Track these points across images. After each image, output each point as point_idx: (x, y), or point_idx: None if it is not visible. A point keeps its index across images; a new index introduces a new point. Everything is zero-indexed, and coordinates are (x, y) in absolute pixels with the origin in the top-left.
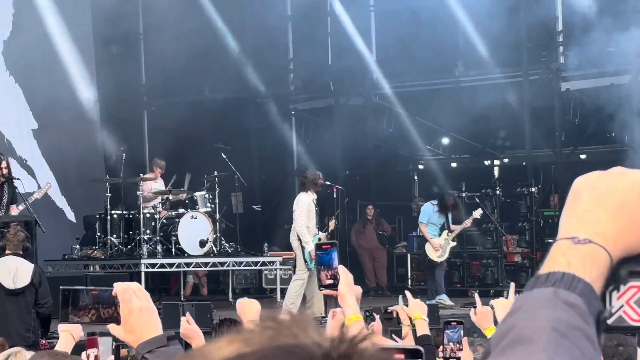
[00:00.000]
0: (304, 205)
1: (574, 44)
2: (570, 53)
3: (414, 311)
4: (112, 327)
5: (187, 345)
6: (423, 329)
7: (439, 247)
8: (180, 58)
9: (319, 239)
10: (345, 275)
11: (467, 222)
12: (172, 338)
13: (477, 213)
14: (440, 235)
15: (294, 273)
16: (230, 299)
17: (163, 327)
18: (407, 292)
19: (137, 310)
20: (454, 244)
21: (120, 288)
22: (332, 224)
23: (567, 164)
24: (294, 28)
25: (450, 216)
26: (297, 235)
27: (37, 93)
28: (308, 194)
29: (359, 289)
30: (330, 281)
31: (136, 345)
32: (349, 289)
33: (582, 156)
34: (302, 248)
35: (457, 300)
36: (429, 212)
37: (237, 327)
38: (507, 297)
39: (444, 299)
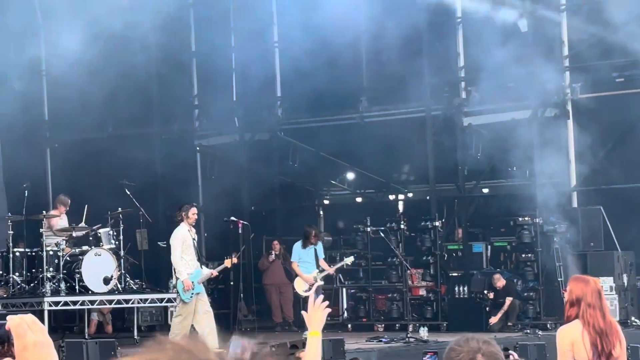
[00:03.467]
0: (178, 236)
1: (475, 80)
2: (472, 89)
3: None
4: None
5: None
6: None
7: (312, 281)
8: (84, 94)
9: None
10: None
11: (332, 269)
12: None
13: (349, 260)
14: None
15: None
16: (135, 337)
17: None
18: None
19: (32, 344)
20: (322, 283)
21: (14, 323)
22: (228, 262)
23: (470, 198)
24: (198, 64)
25: (320, 251)
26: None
27: None
28: (183, 225)
29: None
30: None
31: None
32: None
33: (485, 190)
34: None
35: (363, 335)
36: (297, 250)
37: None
38: None
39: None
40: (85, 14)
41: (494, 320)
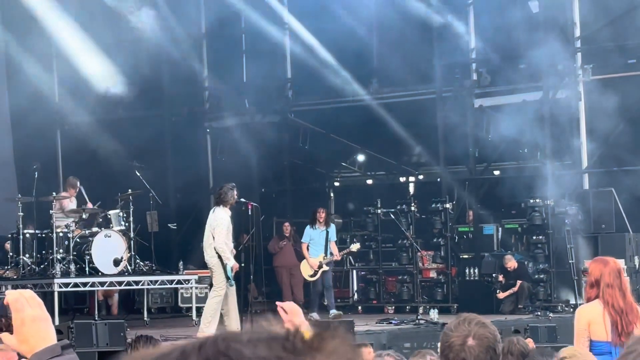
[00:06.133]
0: (224, 222)
1: (486, 61)
2: (483, 70)
3: None
4: (4, 337)
5: None
6: None
7: (317, 266)
8: (94, 76)
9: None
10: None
11: (338, 256)
12: (66, 347)
13: (354, 247)
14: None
15: (210, 291)
16: (145, 319)
17: (75, 347)
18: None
19: (30, 319)
20: (327, 268)
21: (12, 297)
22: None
23: (481, 180)
24: (208, 45)
25: (332, 233)
26: (216, 252)
27: None
28: (225, 209)
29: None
30: None
31: (30, 355)
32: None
33: (496, 172)
34: (223, 265)
35: (373, 317)
36: (308, 231)
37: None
38: None
39: (313, 316)
40: None
41: (501, 295)
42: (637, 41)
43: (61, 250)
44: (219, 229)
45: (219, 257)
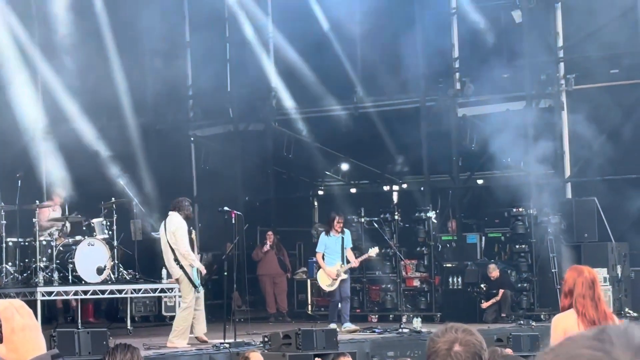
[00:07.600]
0: (184, 225)
1: (470, 70)
2: (467, 79)
3: None
4: None
5: None
6: None
7: (334, 275)
8: (78, 84)
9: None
10: None
11: (356, 262)
12: (56, 356)
13: (373, 252)
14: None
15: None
16: (128, 327)
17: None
18: None
19: (20, 328)
20: (345, 276)
21: (1, 306)
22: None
23: (464, 189)
24: (192, 54)
25: (347, 240)
26: (178, 261)
27: None
28: (180, 216)
29: None
30: None
31: None
32: None
33: (479, 181)
34: (186, 274)
35: (357, 325)
36: (323, 239)
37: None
38: None
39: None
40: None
41: (485, 305)
42: (619, 51)
43: (44, 259)
44: (180, 232)
45: (181, 267)
